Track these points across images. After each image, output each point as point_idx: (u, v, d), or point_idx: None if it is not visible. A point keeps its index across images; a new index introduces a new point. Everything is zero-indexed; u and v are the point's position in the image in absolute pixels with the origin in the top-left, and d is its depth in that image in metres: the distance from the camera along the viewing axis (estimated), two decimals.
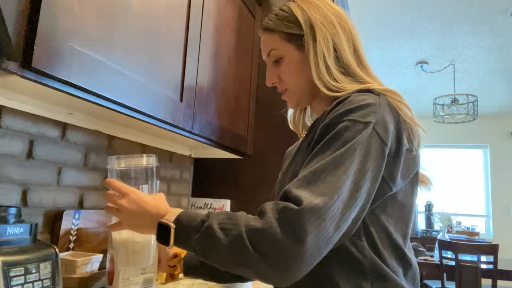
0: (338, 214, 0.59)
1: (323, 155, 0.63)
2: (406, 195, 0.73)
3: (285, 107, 1.82)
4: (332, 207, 0.58)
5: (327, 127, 0.67)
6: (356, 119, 0.65)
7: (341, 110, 0.67)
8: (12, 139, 0.94)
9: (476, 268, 2.67)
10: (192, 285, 1.15)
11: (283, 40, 0.82)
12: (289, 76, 0.83)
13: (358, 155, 0.63)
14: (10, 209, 0.70)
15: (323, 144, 0.65)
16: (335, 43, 0.78)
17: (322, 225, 0.56)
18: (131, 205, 0.71)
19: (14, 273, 0.64)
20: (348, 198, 0.60)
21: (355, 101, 0.68)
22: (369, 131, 0.64)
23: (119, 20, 0.90)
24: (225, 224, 0.59)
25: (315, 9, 0.81)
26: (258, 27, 1.86)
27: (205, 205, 1.79)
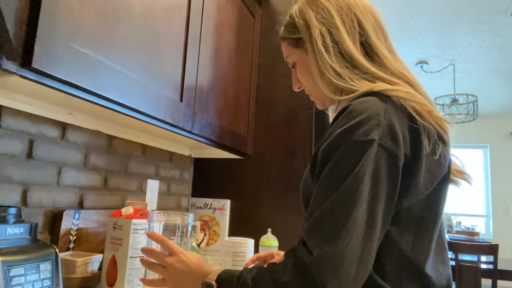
0: (358, 251, 0.56)
1: (328, 189, 0.60)
2: (427, 206, 0.66)
3: (284, 107, 1.82)
4: (346, 249, 0.56)
5: (327, 152, 0.62)
6: (357, 140, 0.60)
7: (342, 128, 0.62)
8: (12, 139, 0.94)
9: (476, 268, 2.67)
10: None
11: (291, 47, 0.83)
12: (304, 79, 0.83)
13: (367, 182, 0.58)
14: (10, 209, 0.70)
15: (327, 175, 0.61)
16: (333, 37, 0.74)
17: (340, 270, 0.55)
18: (180, 265, 0.73)
19: (14, 273, 0.64)
20: (365, 230, 0.57)
21: (355, 113, 0.62)
22: (375, 150, 0.59)
23: (119, 20, 0.90)
24: (257, 278, 0.62)
25: (313, 6, 0.78)
26: (258, 27, 1.86)
27: (205, 205, 1.79)
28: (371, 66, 0.72)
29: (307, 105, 1.75)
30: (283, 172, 1.72)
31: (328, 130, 0.68)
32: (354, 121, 0.61)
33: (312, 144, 1.72)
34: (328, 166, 0.61)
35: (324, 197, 0.60)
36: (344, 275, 0.55)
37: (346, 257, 0.55)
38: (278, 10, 1.89)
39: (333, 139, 0.62)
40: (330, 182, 0.60)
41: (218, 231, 1.74)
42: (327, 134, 0.67)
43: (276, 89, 1.81)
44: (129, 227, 0.97)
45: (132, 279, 0.96)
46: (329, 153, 0.62)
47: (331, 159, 0.61)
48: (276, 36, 0.89)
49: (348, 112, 0.63)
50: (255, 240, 1.65)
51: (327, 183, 0.61)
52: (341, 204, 0.58)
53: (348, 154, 0.60)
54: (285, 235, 0.90)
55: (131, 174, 1.39)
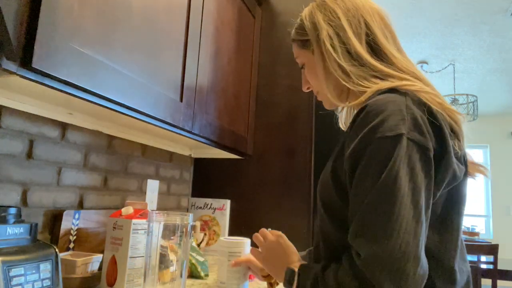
0: (412, 247, 0.55)
1: (365, 190, 0.59)
2: (450, 203, 0.67)
3: (284, 107, 1.82)
4: (395, 246, 0.54)
5: (357, 154, 0.61)
6: (385, 136, 0.59)
7: (366, 128, 0.61)
8: (12, 139, 0.94)
9: (476, 268, 2.67)
10: (192, 285, 1.15)
11: (300, 48, 0.86)
12: (312, 80, 0.86)
13: (403, 176, 0.57)
14: (10, 209, 0.70)
15: (360, 176, 0.60)
16: (340, 38, 0.77)
17: (394, 268, 0.54)
18: (279, 246, 0.84)
19: (14, 273, 0.64)
20: (414, 225, 0.56)
21: (376, 111, 0.62)
22: (405, 143, 0.58)
23: (119, 20, 0.90)
24: (324, 280, 0.64)
25: (322, 9, 0.81)
26: (258, 27, 1.86)
27: (205, 205, 1.79)
28: (379, 64, 0.73)
29: (307, 105, 1.75)
30: (283, 172, 1.72)
31: (348, 134, 0.67)
32: (378, 119, 0.61)
33: (312, 144, 1.72)
34: (360, 167, 0.60)
35: (362, 199, 0.59)
36: (399, 273, 0.54)
37: (398, 254, 0.54)
38: (278, 10, 1.89)
39: (360, 140, 0.61)
40: (366, 183, 0.59)
41: (218, 231, 1.74)
42: (348, 138, 0.66)
43: (276, 89, 1.81)
44: (129, 227, 0.96)
45: (132, 279, 0.96)
46: (358, 155, 0.61)
47: (362, 160, 0.61)
48: (276, 36, 0.91)
49: (367, 112, 0.63)
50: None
51: (363, 184, 0.60)
52: (381, 202, 0.57)
53: (379, 151, 0.59)
54: (285, 235, 0.90)
55: (131, 174, 1.39)
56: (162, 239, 0.82)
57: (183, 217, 0.83)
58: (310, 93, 1.76)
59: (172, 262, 0.90)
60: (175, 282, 0.82)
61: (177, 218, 0.82)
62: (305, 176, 1.68)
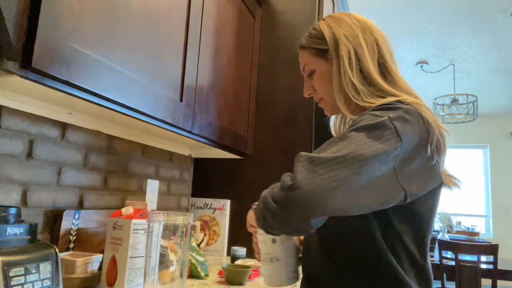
0: (335, 165, 0.61)
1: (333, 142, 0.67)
2: (426, 206, 0.75)
3: (284, 107, 1.82)
4: (324, 158, 0.62)
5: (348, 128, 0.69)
6: (372, 114, 0.69)
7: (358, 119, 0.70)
8: (12, 139, 0.94)
9: (476, 268, 2.67)
10: (192, 285, 1.15)
11: (313, 56, 0.89)
12: (321, 87, 0.89)
13: (366, 134, 0.65)
14: (10, 209, 0.70)
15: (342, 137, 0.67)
16: (357, 55, 0.83)
17: (312, 167, 0.62)
18: None
19: (14, 273, 0.64)
20: (351, 161, 0.62)
21: (372, 116, 0.70)
22: (386, 120, 0.66)
23: (119, 20, 0.90)
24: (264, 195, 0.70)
25: (341, 25, 0.87)
26: (258, 27, 1.86)
27: (205, 205, 1.79)
28: (385, 84, 0.81)
29: (307, 105, 1.75)
30: (283, 172, 1.72)
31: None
32: (372, 114, 0.70)
33: (312, 144, 1.71)
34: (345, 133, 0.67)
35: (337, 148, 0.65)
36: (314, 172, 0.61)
37: (322, 161, 0.62)
38: (278, 10, 1.89)
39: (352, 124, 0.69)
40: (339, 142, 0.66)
41: (218, 231, 1.74)
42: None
43: (276, 89, 1.81)
44: (129, 227, 0.96)
45: (132, 279, 0.96)
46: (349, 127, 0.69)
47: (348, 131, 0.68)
48: (276, 36, 0.91)
49: (360, 118, 0.70)
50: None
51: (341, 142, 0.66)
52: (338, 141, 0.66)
53: (363, 121, 0.67)
54: None
55: (131, 174, 1.39)
56: (162, 239, 0.82)
57: (183, 217, 0.83)
58: None
59: (172, 262, 0.90)
60: (175, 282, 0.82)
61: (177, 218, 0.82)
62: None
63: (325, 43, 0.87)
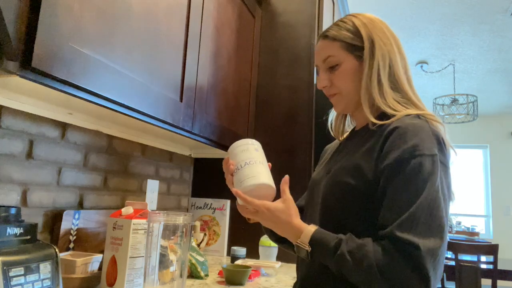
0: (445, 246, 0.69)
1: (410, 194, 0.70)
2: None
3: (284, 107, 1.82)
4: (442, 245, 0.68)
5: (400, 162, 0.72)
6: (425, 153, 0.72)
7: (407, 144, 0.73)
8: (12, 139, 0.94)
9: (476, 268, 2.67)
10: (192, 285, 1.15)
11: (343, 49, 0.87)
12: (343, 83, 0.88)
13: (440, 189, 0.71)
14: (10, 209, 0.70)
15: (405, 181, 0.71)
16: (391, 60, 0.85)
17: (437, 260, 0.67)
18: (268, 222, 0.81)
19: (14, 273, 0.64)
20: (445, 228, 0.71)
21: (414, 132, 0.74)
22: (438, 163, 0.73)
23: (119, 20, 0.90)
24: (355, 253, 0.70)
25: (376, 27, 0.88)
26: (258, 27, 1.86)
27: (205, 205, 1.79)
28: (410, 92, 0.85)
29: (307, 105, 1.75)
30: (283, 172, 1.72)
31: (381, 145, 0.78)
32: (417, 139, 0.74)
33: (312, 144, 1.72)
34: (405, 175, 0.72)
35: (406, 200, 0.70)
36: (438, 266, 0.67)
37: (441, 251, 0.68)
38: (278, 10, 1.89)
39: (403, 152, 0.73)
40: (410, 188, 0.71)
41: (218, 231, 1.74)
42: (385, 150, 0.76)
43: (276, 89, 1.81)
44: (129, 227, 0.96)
45: (132, 279, 0.96)
46: (403, 164, 0.73)
47: (406, 169, 0.72)
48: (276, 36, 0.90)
49: (405, 131, 0.75)
50: (255, 240, 1.65)
51: (407, 188, 0.71)
52: (428, 208, 0.69)
53: (421, 165, 0.71)
54: None
55: (131, 174, 1.39)
56: (162, 239, 0.82)
57: (183, 217, 0.83)
58: (310, 93, 1.76)
59: (172, 262, 0.90)
60: (175, 282, 0.82)
61: (177, 218, 0.82)
62: (305, 175, 1.68)
63: (360, 40, 0.86)
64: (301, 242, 0.76)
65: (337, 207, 0.80)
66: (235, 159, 0.84)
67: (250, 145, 0.87)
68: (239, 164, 0.83)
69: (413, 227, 0.68)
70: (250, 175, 0.81)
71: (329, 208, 0.82)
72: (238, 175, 0.82)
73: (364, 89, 0.84)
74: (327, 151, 1.06)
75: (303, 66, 1.80)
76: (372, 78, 0.84)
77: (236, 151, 0.86)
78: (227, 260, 1.60)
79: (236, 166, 0.83)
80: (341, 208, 0.80)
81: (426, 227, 0.68)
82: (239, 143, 0.87)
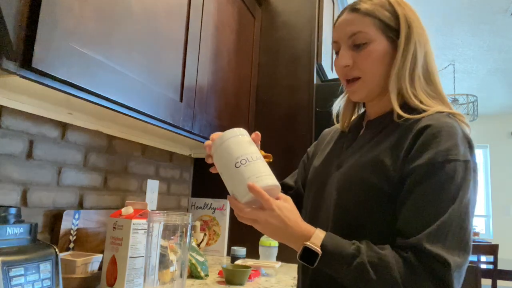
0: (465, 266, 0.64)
1: (441, 202, 0.64)
2: None
3: (284, 107, 1.80)
4: (467, 259, 0.64)
5: (433, 165, 0.66)
6: (459, 159, 0.66)
7: (442, 146, 0.67)
8: (12, 139, 0.94)
9: (476, 268, 2.67)
10: (192, 285, 1.15)
11: (376, 27, 0.77)
12: (369, 65, 0.77)
13: (471, 198, 0.67)
14: (10, 209, 0.70)
15: (437, 187, 0.65)
16: (426, 49, 0.79)
17: (461, 276, 0.63)
18: (274, 221, 0.67)
19: (14, 273, 0.64)
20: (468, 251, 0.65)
21: (449, 133, 0.68)
22: (470, 170, 0.68)
23: (119, 20, 0.90)
24: (376, 264, 0.63)
25: (412, 11, 0.80)
26: (258, 27, 1.86)
27: (205, 205, 1.79)
28: (441, 87, 0.79)
29: (307, 105, 1.75)
30: (283, 172, 1.72)
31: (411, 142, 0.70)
32: (451, 142, 0.68)
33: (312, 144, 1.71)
34: (436, 179, 0.65)
35: (441, 209, 0.64)
36: (461, 280, 0.64)
37: (466, 265, 0.63)
38: (278, 10, 1.89)
39: (436, 155, 0.66)
40: (441, 194, 0.65)
41: (218, 231, 1.74)
42: (416, 149, 0.69)
43: (276, 89, 1.81)
44: (129, 227, 0.97)
45: (132, 279, 0.96)
46: (435, 167, 0.66)
47: (438, 173, 0.66)
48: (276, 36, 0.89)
49: (439, 131, 0.68)
50: (255, 240, 1.65)
51: (438, 194, 0.65)
52: (458, 219, 0.64)
53: (455, 171, 0.66)
54: None
55: (131, 174, 1.39)
56: (162, 239, 0.82)
57: (183, 217, 0.83)
58: (310, 93, 1.76)
59: (172, 262, 0.90)
60: (175, 282, 0.82)
61: (177, 218, 0.82)
62: None
63: (396, 21, 0.77)
64: (312, 244, 0.66)
65: (355, 209, 0.72)
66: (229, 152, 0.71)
67: (246, 136, 0.74)
68: (241, 159, 0.69)
69: (443, 240, 0.62)
70: (258, 174, 0.68)
71: (345, 209, 0.74)
72: (241, 172, 0.68)
73: (395, 76, 0.75)
74: (326, 138, 0.97)
75: (303, 66, 1.80)
76: (405, 65, 0.75)
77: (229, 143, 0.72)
78: (227, 260, 1.60)
79: (236, 161, 0.69)
80: (360, 210, 0.72)
81: (456, 241, 0.62)
82: (228, 134, 0.73)
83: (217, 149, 0.74)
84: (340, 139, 0.89)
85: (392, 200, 0.69)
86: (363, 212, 0.72)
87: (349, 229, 0.72)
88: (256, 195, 0.66)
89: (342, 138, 0.89)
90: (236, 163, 0.69)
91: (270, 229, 0.68)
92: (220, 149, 0.73)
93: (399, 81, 0.75)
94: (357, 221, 0.72)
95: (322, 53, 1.83)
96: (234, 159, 0.70)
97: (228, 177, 0.72)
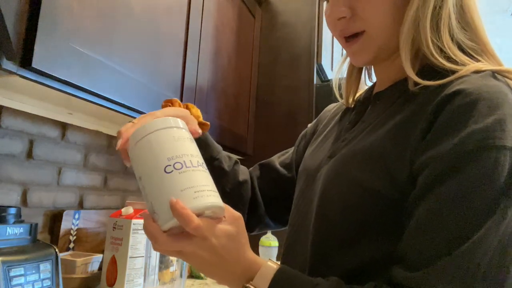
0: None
1: (470, 213, 0.40)
2: None
3: (284, 107, 1.80)
4: None
5: (459, 155, 0.42)
6: (505, 145, 0.41)
7: (477, 125, 0.42)
8: (12, 139, 0.94)
9: None
10: (192, 285, 1.15)
11: None
12: (375, 10, 0.52)
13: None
14: (10, 209, 0.70)
15: (463, 191, 0.41)
16: None
17: None
18: (205, 253, 0.43)
19: (14, 273, 0.64)
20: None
21: (490, 103, 0.43)
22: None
23: (119, 20, 0.90)
24: None
25: None
26: (258, 27, 1.86)
27: None
28: (485, 35, 0.52)
29: (307, 105, 1.75)
30: None
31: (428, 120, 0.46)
32: (494, 117, 0.42)
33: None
34: (461, 179, 0.42)
35: (467, 229, 0.40)
36: None
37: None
38: (278, 10, 1.89)
39: (465, 139, 0.42)
40: (475, 204, 0.40)
41: None
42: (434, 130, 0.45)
43: (276, 89, 1.81)
44: (129, 227, 0.97)
45: (132, 279, 0.96)
46: (459, 159, 0.42)
47: (462, 170, 0.42)
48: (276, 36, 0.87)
49: (474, 100, 0.43)
50: (255, 240, 1.65)
51: (469, 206, 0.41)
52: (501, 241, 0.40)
53: (496, 165, 0.41)
54: (285, 235, 0.89)
55: (131, 174, 1.39)
56: None
57: None
58: (310, 93, 1.76)
59: (172, 262, 0.90)
60: (175, 282, 0.82)
61: None
62: None
63: None
64: (254, 286, 0.45)
65: (339, 219, 0.51)
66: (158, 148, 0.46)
67: (185, 131, 0.50)
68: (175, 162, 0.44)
69: (471, 281, 0.38)
70: (198, 187, 0.44)
71: (326, 219, 0.53)
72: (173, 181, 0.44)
73: (410, 23, 0.50)
74: (328, 116, 0.74)
75: (303, 66, 1.79)
76: (426, 7, 0.49)
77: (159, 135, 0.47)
78: None
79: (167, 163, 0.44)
80: (344, 221, 0.50)
81: (493, 283, 0.38)
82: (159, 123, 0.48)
83: (138, 142, 0.47)
84: (343, 118, 0.66)
85: (396, 207, 0.46)
86: (349, 224, 0.49)
87: (330, 248, 0.51)
88: (179, 219, 0.40)
89: (346, 117, 0.65)
90: (167, 167, 0.44)
91: (198, 264, 0.45)
92: (144, 143, 0.47)
93: (416, 29, 0.50)
94: (343, 237, 0.50)
95: (322, 53, 1.83)
96: (164, 160, 0.45)
97: (150, 185, 0.45)
